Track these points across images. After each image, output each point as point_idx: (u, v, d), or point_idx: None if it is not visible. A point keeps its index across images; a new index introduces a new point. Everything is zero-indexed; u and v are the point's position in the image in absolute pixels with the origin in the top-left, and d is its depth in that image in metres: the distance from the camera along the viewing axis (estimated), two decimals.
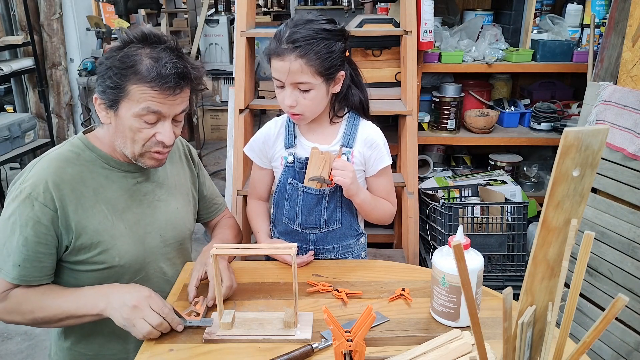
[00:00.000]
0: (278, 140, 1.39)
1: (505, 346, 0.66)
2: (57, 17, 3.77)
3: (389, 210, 1.42)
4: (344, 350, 0.89)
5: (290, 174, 1.37)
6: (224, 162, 3.79)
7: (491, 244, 2.18)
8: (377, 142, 1.36)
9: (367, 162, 1.37)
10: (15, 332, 2.43)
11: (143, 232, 1.22)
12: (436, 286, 1.08)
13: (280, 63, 1.21)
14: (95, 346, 1.25)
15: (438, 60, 2.49)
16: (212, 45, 4.85)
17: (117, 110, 1.10)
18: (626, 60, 1.70)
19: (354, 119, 1.38)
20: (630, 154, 1.61)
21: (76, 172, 1.14)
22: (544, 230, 0.61)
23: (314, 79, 1.22)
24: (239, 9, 2.18)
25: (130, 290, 1.10)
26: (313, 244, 1.40)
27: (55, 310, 1.10)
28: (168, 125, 1.13)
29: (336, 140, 1.36)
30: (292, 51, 1.19)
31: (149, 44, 1.10)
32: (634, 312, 1.55)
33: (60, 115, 3.94)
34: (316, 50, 1.20)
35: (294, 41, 1.19)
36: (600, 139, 0.56)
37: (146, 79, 1.06)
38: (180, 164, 1.37)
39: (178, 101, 1.11)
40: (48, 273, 1.13)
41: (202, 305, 1.14)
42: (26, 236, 1.08)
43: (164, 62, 1.07)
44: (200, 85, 1.17)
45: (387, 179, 1.41)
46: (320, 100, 1.28)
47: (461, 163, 2.92)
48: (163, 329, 1.05)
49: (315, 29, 1.22)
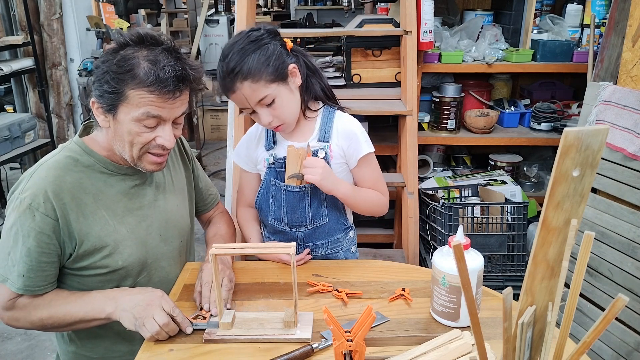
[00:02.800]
0: (260, 144, 1.41)
1: (505, 346, 0.66)
2: (57, 17, 3.77)
3: (377, 200, 1.40)
4: (344, 350, 0.89)
5: (272, 175, 1.38)
6: (224, 162, 3.79)
7: (491, 244, 2.18)
8: (354, 132, 1.35)
9: (346, 154, 1.36)
10: (16, 332, 2.43)
11: (144, 233, 1.22)
12: (436, 286, 1.08)
13: (233, 95, 1.25)
14: (101, 349, 1.25)
15: (438, 60, 2.49)
16: (212, 45, 4.86)
17: (116, 114, 1.08)
18: (626, 60, 1.70)
19: (329, 112, 1.37)
20: (630, 154, 1.61)
21: (75, 179, 1.13)
22: (544, 230, 0.60)
23: (269, 89, 1.23)
24: (239, 9, 2.18)
25: (141, 291, 1.10)
26: (302, 241, 1.41)
27: (64, 316, 1.10)
28: (168, 128, 1.11)
29: (313, 135, 1.36)
30: (235, 80, 1.21)
31: (146, 45, 1.08)
32: (634, 312, 1.55)
33: (60, 115, 3.94)
34: (252, 65, 1.20)
35: (231, 71, 1.21)
36: (600, 139, 0.56)
37: (145, 83, 1.04)
38: (176, 161, 1.37)
39: (178, 104, 1.10)
40: (51, 281, 1.13)
41: (207, 311, 1.15)
42: (29, 247, 1.07)
43: (162, 65, 1.05)
44: (200, 85, 1.16)
45: (370, 168, 1.39)
46: (289, 102, 1.28)
47: (461, 163, 2.92)
48: (170, 330, 1.05)
49: (241, 49, 1.22)
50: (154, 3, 4.38)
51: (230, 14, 4.91)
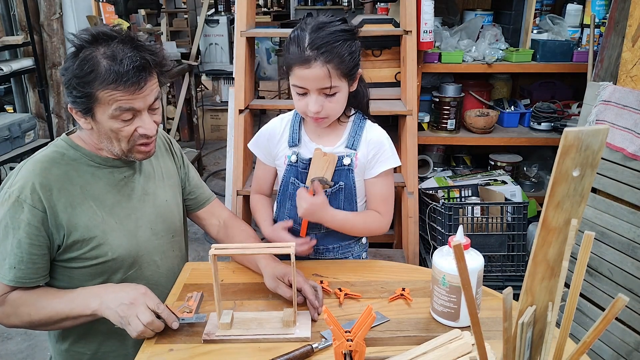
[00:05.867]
0: (282, 139, 1.39)
1: (505, 346, 0.66)
2: (57, 17, 3.77)
3: (374, 226, 1.35)
4: (344, 350, 0.89)
5: (292, 174, 1.37)
6: (224, 162, 3.79)
7: (491, 244, 2.18)
8: (383, 143, 1.34)
9: (368, 163, 1.35)
10: (16, 332, 2.43)
11: (134, 225, 1.22)
12: (436, 286, 1.08)
13: (306, 71, 1.18)
14: (93, 345, 1.25)
15: (438, 60, 2.49)
16: (212, 45, 4.85)
17: (94, 115, 1.11)
18: (626, 60, 1.70)
19: (360, 120, 1.37)
20: (630, 154, 1.61)
21: (62, 171, 1.15)
22: (544, 230, 0.60)
23: (340, 82, 1.21)
24: (239, 9, 2.18)
25: (124, 288, 1.10)
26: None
27: (50, 313, 1.10)
28: (146, 117, 1.14)
29: (340, 141, 1.35)
30: (318, 57, 1.17)
31: (101, 42, 1.08)
32: (634, 312, 1.55)
33: (60, 115, 3.94)
34: (340, 53, 1.18)
35: (319, 47, 1.16)
36: (600, 139, 0.56)
37: (108, 81, 1.05)
38: (166, 155, 1.38)
39: (147, 92, 1.11)
40: (43, 274, 1.14)
41: (194, 301, 1.14)
42: (19, 239, 1.09)
43: (120, 58, 1.06)
44: (165, 67, 1.16)
45: (386, 184, 1.36)
46: (343, 101, 1.27)
47: (461, 163, 2.92)
48: (155, 328, 1.04)
49: (334, 31, 1.19)
50: (154, 3, 4.37)
51: (230, 14, 4.91)
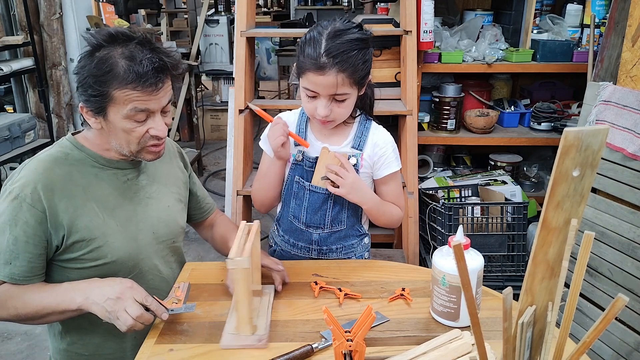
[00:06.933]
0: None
1: (505, 346, 0.66)
2: (57, 17, 3.77)
3: (396, 216, 1.41)
4: (344, 350, 0.89)
5: (297, 172, 1.37)
6: (224, 162, 3.79)
7: (491, 244, 2.18)
8: (387, 147, 1.36)
9: (374, 165, 1.37)
10: (15, 332, 2.43)
11: (135, 228, 1.22)
12: (436, 286, 1.08)
13: (320, 77, 1.19)
14: (91, 346, 1.25)
15: (438, 60, 2.49)
16: (212, 45, 4.85)
17: (106, 115, 1.11)
18: (626, 60, 1.70)
19: (365, 121, 1.38)
20: (630, 154, 1.61)
21: (65, 172, 1.15)
22: (544, 230, 0.60)
23: (351, 89, 1.23)
24: (239, 9, 2.18)
25: (110, 282, 1.09)
26: (316, 243, 1.40)
27: (37, 307, 1.10)
28: (158, 118, 1.15)
29: (347, 141, 1.36)
30: (333, 66, 1.17)
31: (119, 43, 1.09)
32: (634, 312, 1.55)
33: (60, 115, 3.94)
34: (355, 62, 1.19)
35: (335, 56, 1.17)
36: (600, 139, 0.56)
37: (126, 81, 1.06)
38: (172, 163, 1.38)
39: (162, 94, 1.12)
40: (37, 273, 1.13)
41: (182, 291, 1.14)
42: (16, 235, 1.09)
43: (140, 59, 1.07)
44: (179, 70, 1.17)
45: (396, 184, 1.41)
46: (352, 105, 1.28)
47: (461, 163, 2.92)
48: (145, 321, 1.04)
49: (350, 40, 1.19)
50: (154, 3, 4.38)
51: (230, 14, 4.90)
